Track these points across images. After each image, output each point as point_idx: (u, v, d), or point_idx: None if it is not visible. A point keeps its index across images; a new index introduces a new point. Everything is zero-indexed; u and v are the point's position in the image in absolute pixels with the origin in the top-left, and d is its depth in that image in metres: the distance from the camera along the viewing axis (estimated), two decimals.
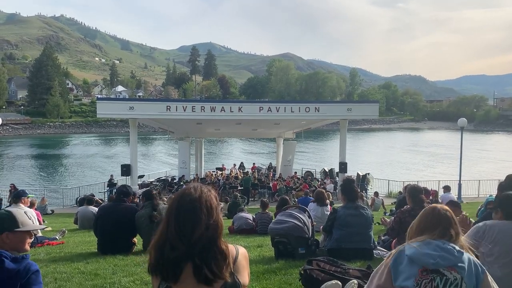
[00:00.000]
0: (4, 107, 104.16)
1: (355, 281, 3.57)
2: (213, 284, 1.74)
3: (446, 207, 2.69)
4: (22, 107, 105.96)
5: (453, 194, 15.38)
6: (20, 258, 2.39)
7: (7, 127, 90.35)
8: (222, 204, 13.53)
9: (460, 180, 22.19)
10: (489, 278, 2.47)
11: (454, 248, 2.44)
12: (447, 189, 14.46)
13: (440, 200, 13.17)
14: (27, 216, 2.64)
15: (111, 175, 25.76)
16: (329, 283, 3.66)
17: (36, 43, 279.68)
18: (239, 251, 1.89)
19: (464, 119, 23.03)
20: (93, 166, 47.96)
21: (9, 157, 54.38)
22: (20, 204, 7.43)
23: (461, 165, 22.57)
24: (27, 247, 2.63)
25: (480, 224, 3.71)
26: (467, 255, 2.45)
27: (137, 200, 13.54)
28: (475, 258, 2.49)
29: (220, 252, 1.78)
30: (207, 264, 1.74)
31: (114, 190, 18.86)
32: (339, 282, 3.65)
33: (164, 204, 6.96)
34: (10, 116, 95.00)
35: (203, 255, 1.74)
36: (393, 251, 2.63)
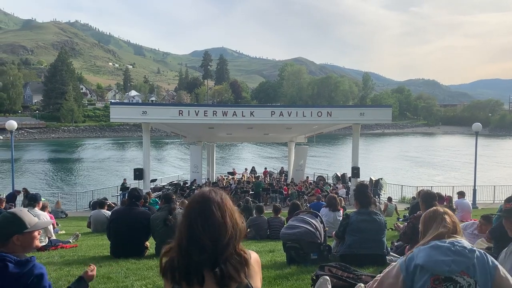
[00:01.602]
0: (19, 111, 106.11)
1: (362, 285, 3.54)
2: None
3: (442, 208, 2.72)
4: (37, 111, 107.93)
5: (468, 200, 15.10)
6: (24, 261, 2.37)
7: (23, 131, 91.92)
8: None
9: (475, 186, 21.83)
10: (501, 272, 2.35)
11: (465, 248, 2.36)
12: (461, 194, 14.20)
13: (454, 206, 12.96)
14: (31, 214, 2.67)
15: (124, 179, 25.94)
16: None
17: (51, 48, 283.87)
18: (251, 256, 1.88)
19: (479, 124, 22.69)
20: (106, 170, 48.45)
21: (24, 161, 55.17)
22: (36, 208, 7.52)
23: (476, 170, 22.23)
24: (37, 243, 2.65)
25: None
26: (477, 252, 2.36)
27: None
28: (485, 253, 2.40)
29: (237, 256, 1.79)
30: (223, 267, 1.74)
31: (127, 194, 18.98)
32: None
33: (180, 208, 6.98)
34: (25, 121, 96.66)
35: (219, 258, 1.75)
36: (398, 262, 2.55)
